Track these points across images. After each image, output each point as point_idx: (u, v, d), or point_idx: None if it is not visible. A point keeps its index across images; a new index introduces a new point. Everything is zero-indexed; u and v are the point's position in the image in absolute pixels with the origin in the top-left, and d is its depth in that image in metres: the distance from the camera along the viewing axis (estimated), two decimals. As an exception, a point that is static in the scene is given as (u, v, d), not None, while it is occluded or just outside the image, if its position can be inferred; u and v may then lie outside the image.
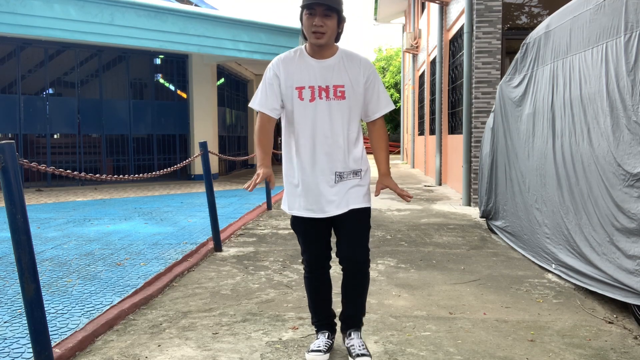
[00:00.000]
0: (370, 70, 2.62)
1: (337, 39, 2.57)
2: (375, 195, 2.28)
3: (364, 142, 2.76)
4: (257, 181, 2.49)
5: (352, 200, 2.61)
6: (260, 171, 2.54)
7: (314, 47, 2.55)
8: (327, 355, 2.70)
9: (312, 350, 2.68)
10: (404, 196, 2.63)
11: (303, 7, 2.49)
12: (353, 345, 2.68)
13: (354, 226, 2.64)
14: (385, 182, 2.70)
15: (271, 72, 2.59)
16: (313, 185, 2.59)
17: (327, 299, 2.83)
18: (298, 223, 2.70)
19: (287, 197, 2.71)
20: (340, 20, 2.52)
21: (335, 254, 2.71)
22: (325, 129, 2.55)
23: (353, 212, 2.61)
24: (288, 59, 2.58)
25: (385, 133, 2.73)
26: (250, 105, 2.62)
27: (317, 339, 2.77)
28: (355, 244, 2.64)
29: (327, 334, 2.78)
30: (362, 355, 2.62)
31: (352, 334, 2.73)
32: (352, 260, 2.66)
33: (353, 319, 2.77)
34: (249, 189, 2.46)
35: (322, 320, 2.82)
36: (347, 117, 2.57)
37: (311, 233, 2.69)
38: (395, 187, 2.67)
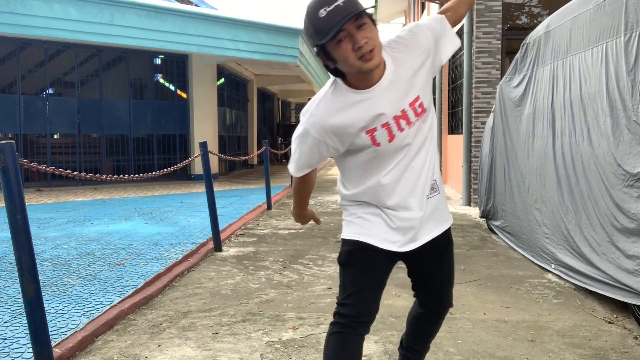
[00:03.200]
0: (422, 37, 1.85)
1: None
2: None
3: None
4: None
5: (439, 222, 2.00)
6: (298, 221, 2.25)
7: (360, 76, 1.74)
8: None
9: None
10: None
11: (325, 38, 1.64)
12: None
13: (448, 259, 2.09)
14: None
15: (312, 138, 1.82)
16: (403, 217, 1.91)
17: None
18: (360, 255, 1.91)
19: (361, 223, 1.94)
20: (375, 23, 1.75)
21: (418, 292, 2.17)
22: (418, 160, 1.90)
23: (443, 237, 2.03)
24: (333, 111, 1.78)
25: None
26: (289, 168, 1.98)
27: None
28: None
29: None
30: None
31: None
32: (442, 302, 2.14)
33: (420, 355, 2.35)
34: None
35: None
36: (431, 130, 1.93)
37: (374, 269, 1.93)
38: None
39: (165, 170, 4.52)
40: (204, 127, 12.62)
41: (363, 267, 1.90)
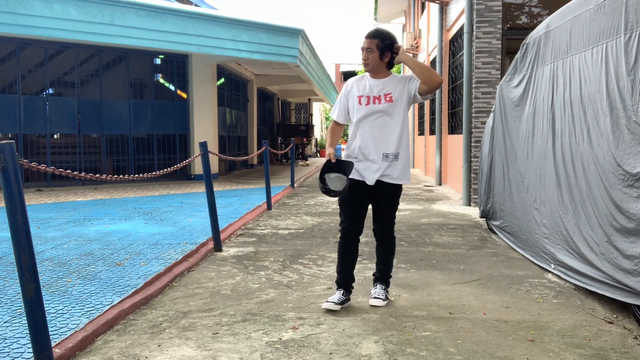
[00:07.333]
0: (408, 77, 3.50)
1: (389, 66, 3.48)
2: None
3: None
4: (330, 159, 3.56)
5: (389, 177, 3.47)
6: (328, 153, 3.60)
7: (369, 72, 3.56)
8: (339, 306, 3.46)
9: (327, 302, 3.48)
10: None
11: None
12: (374, 291, 3.61)
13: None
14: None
15: (343, 89, 3.60)
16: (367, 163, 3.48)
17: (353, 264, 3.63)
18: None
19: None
20: (382, 55, 3.42)
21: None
22: (376, 123, 3.46)
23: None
24: (355, 80, 3.58)
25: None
26: (330, 115, 3.64)
27: (334, 294, 3.58)
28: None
29: (342, 291, 3.55)
30: (375, 298, 3.54)
31: (377, 285, 3.64)
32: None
33: (380, 275, 3.64)
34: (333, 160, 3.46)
35: (342, 279, 3.59)
36: (392, 113, 3.45)
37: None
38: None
39: (165, 170, 4.51)
40: (204, 127, 12.62)
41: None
